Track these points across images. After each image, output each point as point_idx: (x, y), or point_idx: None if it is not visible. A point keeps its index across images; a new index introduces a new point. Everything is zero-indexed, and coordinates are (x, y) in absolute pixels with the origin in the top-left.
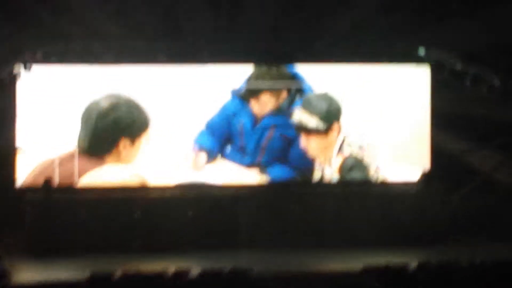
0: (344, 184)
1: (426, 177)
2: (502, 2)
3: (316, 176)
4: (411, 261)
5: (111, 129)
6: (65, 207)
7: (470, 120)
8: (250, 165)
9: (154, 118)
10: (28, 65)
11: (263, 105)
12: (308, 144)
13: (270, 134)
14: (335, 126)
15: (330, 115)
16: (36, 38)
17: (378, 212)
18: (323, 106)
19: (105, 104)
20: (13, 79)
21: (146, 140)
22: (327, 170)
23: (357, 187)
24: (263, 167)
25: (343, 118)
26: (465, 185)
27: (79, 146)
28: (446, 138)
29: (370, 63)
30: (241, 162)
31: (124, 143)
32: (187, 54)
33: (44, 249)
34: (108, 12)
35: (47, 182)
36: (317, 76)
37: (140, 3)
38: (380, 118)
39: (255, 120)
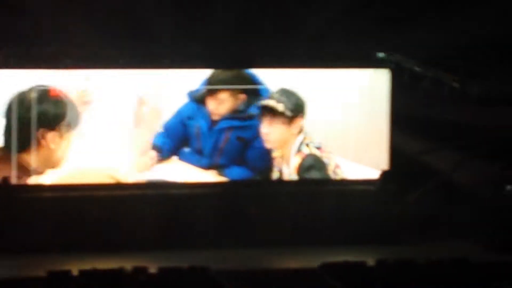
0: (302, 182)
1: (385, 177)
2: (460, 7)
3: (275, 175)
4: (369, 258)
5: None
6: (22, 205)
7: (429, 121)
8: (208, 167)
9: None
10: None
11: (221, 103)
12: (270, 132)
13: (226, 136)
14: (298, 119)
15: (296, 107)
16: None
17: (336, 210)
18: (290, 97)
19: (25, 96)
20: None
21: (67, 128)
22: (285, 170)
23: (315, 185)
24: (220, 169)
25: (305, 117)
26: (422, 184)
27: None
28: (405, 139)
29: (331, 67)
30: (198, 164)
31: (46, 136)
32: (148, 59)
33: (0, 248)
34: (68, 16)
35: (5, 180)
36: (277, 79)
37: (101, 8)
38: (339, 120)
39: (211, 123)
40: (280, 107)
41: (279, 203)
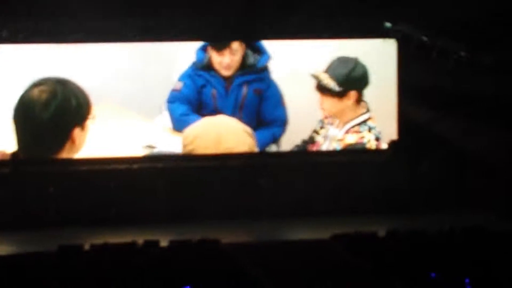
0: (313, 153)
1: (394, 147)
2: None
3: (321, 132)
4: (380, 229)
5: (59, 120)
6: (33, 180)
7: (437, 91)
8: None
9: (104, 95)
10: None
11: (235, 54)
12: (322, 103)
13: (244, 90)
14: (351, 93)
15: (347, 81)
16: (2, 17)
17: (347, 181)
18: (342, 70)
19: (40, 94)
20: None
21: (92, 120)
22: (332, 131)
23: (325, 156)
24: None
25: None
26: (433, 154)
27: (20, 148)
28: (414, 109)
29: (337, 38)
30: None
31: (76, 133)
32: (157, 31)
33: (12, 222)
34: None
35: (15, 155)
36: (287, 52)
37: None
38: None
39: (226, 83)
40: (325, 79)
41: (290, 174)
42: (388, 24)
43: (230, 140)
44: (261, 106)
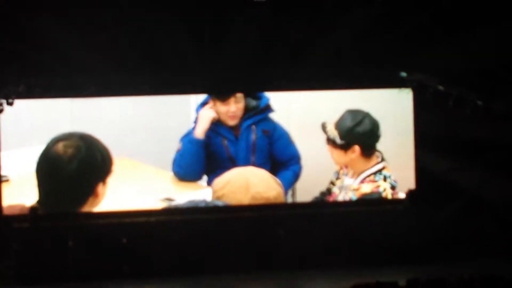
0: (334, 204)
1: (412, 196)
2: (482, 27)
3: (337, 182)
4: (400, 278)
5: (84, 175)
6: (52, 234)
7: (454, 140)
8: None
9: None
10: (10, 98)
11: (239, 101)
12: (331, 154)
13: (253, 133)
14: (355, 147)
15: (350, 135)
16: (18, 72)
17: (366, 230)
18: (347, 123)
19: (65, 149)
20: None
21: (111, 175)
22: (347, 180)
23: (345, 206)
24: None
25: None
26: (451, 202)
27: (42, 204)
28: (431, 158)
29: (352, 89)
30: None
31: (99, 186)
32: (169, 85)
33: (30, 276)
34: (90, 46)
35: (34, 209)
36: (301, 102)
37: (124, 37)
38: None
39: (233, 129)
40: (330, 131)
41: (308, 224)
42: (403, 74)
43: (259, 185)
44: (272, 147)
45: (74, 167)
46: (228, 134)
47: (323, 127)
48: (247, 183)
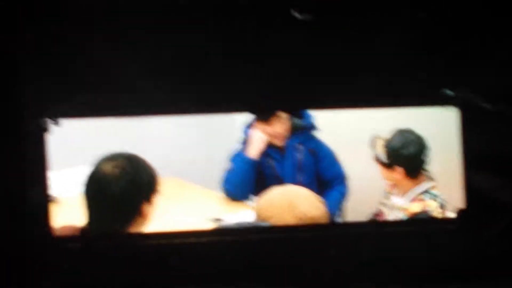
0: (379, 224)
1: (462, 215)
2: None
3: (386, 202)
4: None
5: (130, 195)
6: (102, 254)
7: (501, 157)
8: None
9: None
10: (56, 117)
11: (284, 122)
12: (381, 171)
13: (300, 153)
14: (398, 169)
15: (396, 156)
16: (64, 90)
17: (413, 250)
18: (395, 143)
19: (113, 170)
20: (42, 131)
21: (158, 195)
22: (395, 199)
23: (391, 226)
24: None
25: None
26: (502, 221)
27: (91, 222)
28: (479, 176)
29: (397, 106)
30: None
31: (145, 206)
32: (211, 103)
33: None
34: (136, 64)
35: (85, 230)
36: (346, 120)
37: (167, 54)
38: None
39: (279, 149)
40: (377, 147)
41: (357, 244)
42: (449, 91)
43: (303, 204)
44: (318, 166)
45: (122, 187)
46: (275, 154)
47: (373, 142)
48: (290, 203)
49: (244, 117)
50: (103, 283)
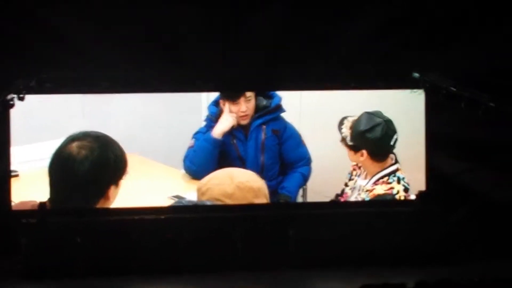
0: (342, 204)
1: (422, 198)
2: (496, 27)
3: (350, 183)
4: (408, 280)
5: (96, 177)
6: (61, 230)
7: (465, 141)
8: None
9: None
10: (21, 92)
11: (249, 101)
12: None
13: (263, 133)
14: (363, 151)
15: (360, 139)
16: (30, 66)
17: (375, 232)
18: (360, 126)
19: (78, 150)
20: (6, 107)
21: (125, 176)
22: (360, 181)
23: (353, 206)
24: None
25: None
26: (462, 205)
27: (53, 202)
28: (442, 159)
29: (364, 89)
30: None
31: (111, 190)
32: (181, 82)
33: (40, 272)
34: (103, 40)
35: (43, 205)
36: (312, 101)
37: (137, 31)
38: None
39: (243, 129)
40: (343, 128)
41: (318, 225)
42: (416, 74)
43: (243, 176)
44: (282, 147)
45: (86, 168)
46: (239, 134)
47: (340, 123)
48: (230, 175)
49: (209, 95)
50: (60, 257)
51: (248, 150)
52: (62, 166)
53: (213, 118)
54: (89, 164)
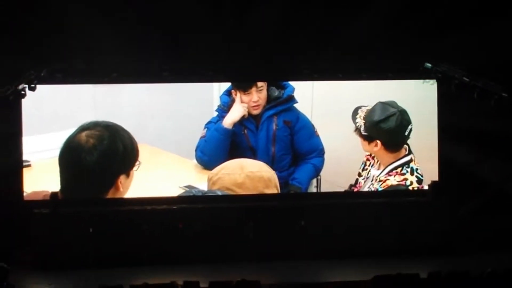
0: (354, 194)
1: (435, 188)
2: (509, 19)
3: (363, 174)
4: (422, 271)
5: (105, 166)
6: (73, 220)
7: (478, 132)
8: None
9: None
10: (32, 83)
11: (261, 92)
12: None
13: (274, 124)
14: (377, 142)
15: (374, 129)
16: (41, 57)
17: (388, 222)
18: (374, 117)
19: (87, 139)
20: (18, 97)
21: (137, 166)
22: (373, 171)
23: (366, 197)
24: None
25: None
26: (474, 195)
27: (63, 191)
28: (455, 150)
29: (377, 79)
30: None
31: (121, 180)
32: (190, 73)
33: (52, 263)
34: (114, 32)
35: (54, 195)
36: (328, 92)
37: (146, 23)
38: None
39: (255, 119)
40: (358, 118)
41: (331, 215)
42: (428, 65)
43: (253, 166)
44: (294, 138)
45: (94, 158)
46: (250, 125)
47: (354, 113)
48: (241, 165)
49: (221, 86)
50: (72, 247)
51: (259, 141)
52: (71, 155)
53: (225, 108)
54: (97, 154)
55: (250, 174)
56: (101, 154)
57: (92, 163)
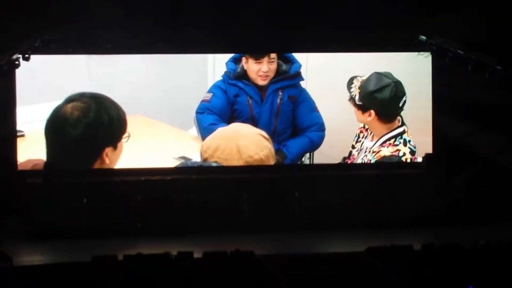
0: (345, 166)
1: (428, 160)
2: None
3: (357, 145)
4: (415, 242)
5: (89, 138)
6: (66, 190)
7: (472, 105)
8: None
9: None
10: (26, 53)
11: (272, 62)
12: (355, 113)
13: (279, 98)
14: (371, 112)
15: (369, 99)
16: (36, 26)
17: (382, 194)
18: (369, 86)
19: (72, 111)
20: (12, 67)
21: (126, 138)
22: (367, 143)
23: (360, 168)
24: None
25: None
26: (468, 168)
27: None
28: (448, 122)
29: (372, 51)
30: None
31: (107, 153)
32: (186, 44)
33: (45, 233)
34: (106, 1)
35: (48, 165)
36: (323, 63)
37: None
38: None
39: (260, 91)
40: (353, 88)
41: (324, 186)
42: (423, 37)
43: (250, 147)
44: (295, 112)
45: (78, 129)
46: (255, 95)
47: (350, 82)
48: (237, 148)
49: (215, 58)
50: (65, 218)
51: (262, 113)
52: (55, 128)
53: (231, 75)
54: (82, 127)
55: (249, 159)
56: (85, 126)
57: (76, 136)
